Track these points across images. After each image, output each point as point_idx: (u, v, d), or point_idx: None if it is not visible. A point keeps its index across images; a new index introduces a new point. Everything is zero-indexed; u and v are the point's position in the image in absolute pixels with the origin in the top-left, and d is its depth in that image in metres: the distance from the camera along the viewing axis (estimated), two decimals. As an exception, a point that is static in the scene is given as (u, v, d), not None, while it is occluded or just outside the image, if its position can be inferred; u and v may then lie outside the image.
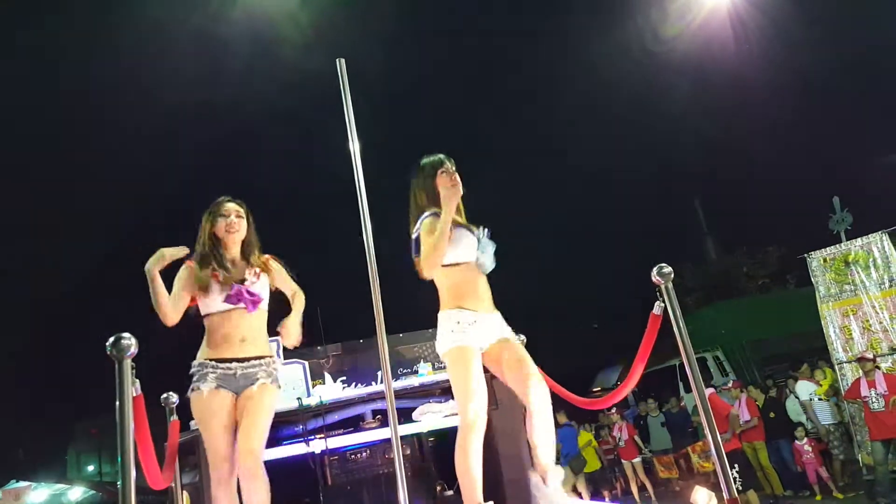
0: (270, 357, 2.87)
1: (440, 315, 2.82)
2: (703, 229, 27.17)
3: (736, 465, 7.30)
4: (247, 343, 2.79)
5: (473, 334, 2.72)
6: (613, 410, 10.62)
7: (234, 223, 2.88)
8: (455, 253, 2.79)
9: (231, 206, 2.92)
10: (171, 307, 2.73)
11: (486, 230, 2.93)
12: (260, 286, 2.86)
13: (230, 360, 2.74)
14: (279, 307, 3.02)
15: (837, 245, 8.66)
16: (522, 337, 3.02)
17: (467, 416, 2.62)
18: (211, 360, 2.74)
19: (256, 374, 2.77)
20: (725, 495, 2.59)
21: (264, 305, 2.88)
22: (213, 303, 2.78)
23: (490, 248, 2.87)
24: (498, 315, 2.90)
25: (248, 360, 2.77)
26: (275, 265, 3.01)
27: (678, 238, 28.56)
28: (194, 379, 2.73)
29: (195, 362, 2.77)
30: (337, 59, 3.58)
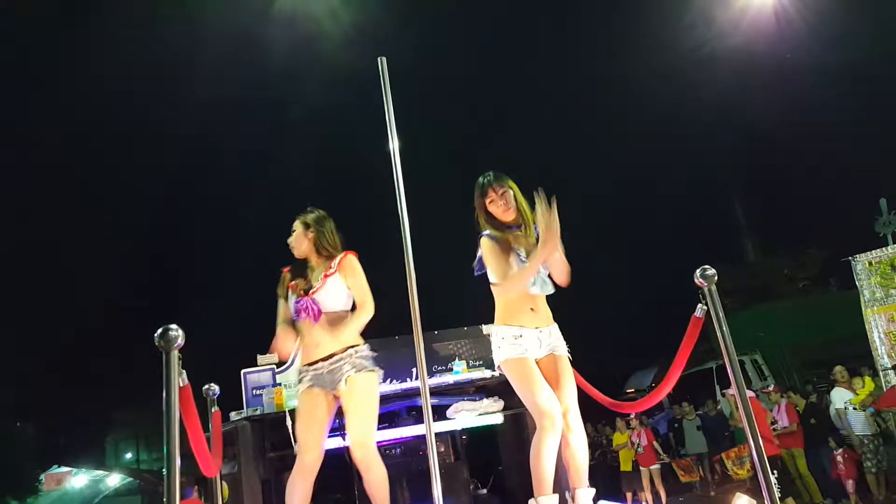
0: (354, 347, 3.02)
1: (493, 329, 2.98)
2: (743, 229, 26.63)
3: (775, 472, 7.15)
4: (322, 346, 2.99)
5: (522, 345, 2.87)
6: (633, 416, 10.44)
7: (291, 244, 3.16)
8: (502, 274, 2.91)
9: (294, 227, 3.18)
10: (280, 332, 3.07)
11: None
12: (326, 291, 3.02)
13: (316, 362, 2.98)
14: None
15: (884, 248, 8.42)
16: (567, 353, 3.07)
17: (540, 420, 2.76)
18: (304, 365, 3.03)
19: (342, 367, 2.96)
20: (767, 502, 2.54)
21: (334, 308, 3.04)
22: (292, 312, 3.06)
23: (542, 272, 2.94)
24: (550, 329, 2.99)
25: (331, 356, 2.98)
26: (349, 265, 3.11)
27: (717, 238, 28.04)
28: (298, 384, 3.04)
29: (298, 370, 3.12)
30: (378, 58, 3.60)
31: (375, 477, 2.90)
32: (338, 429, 3.40)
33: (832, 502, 8.49)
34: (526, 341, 2.87)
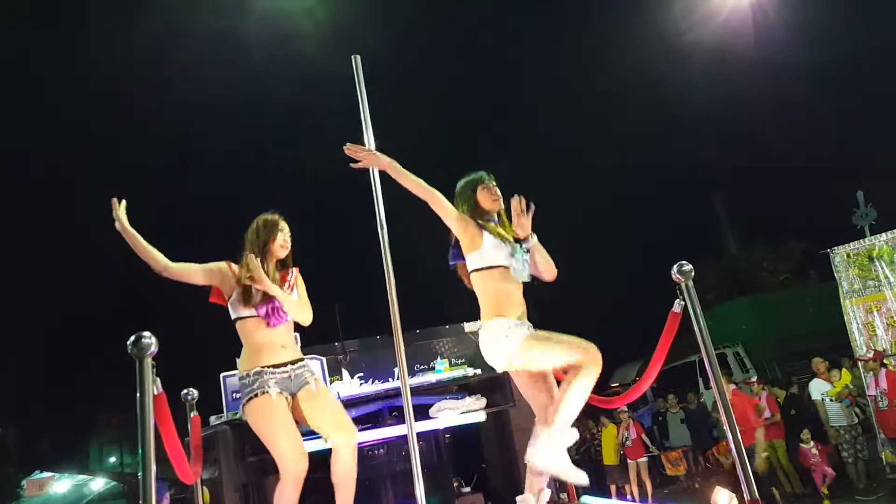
0: (305, 358, 3.07)
1: (487, 325, 2.83)
2: (723, 224, 26.86)
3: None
4: (287, 349, 2.97)
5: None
6: (624, 408, 10.47)
7: (287, 241, 3.07)
8: (487, 257, 2.85)
9: (285, 224, 3.10)
10: (166, 261, 2.83)
11: (527, 242, 2.94)
12: (289, 300, 2.99)
13: (284, 365, 2.91)
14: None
15: (861, 240, 8.52)
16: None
17: (589, 359, 2.74)
18: (267, 367, 2.87)
19: (303, 374, 2.95)
20: (746, 496, 2.56)
21: (290, 318, 3.02)
22: (245, 309, 2.92)
23: (525, 256, 2.89)
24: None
25: (294, 362, 2.96)
26: (301, 280, 3.14)
27: (699, 232, 28.29)
28: (255, 386, 2.82)
29: (248, 371, 2.86)
30: (352, 56, 3.58)
31: (355, 471, 2.92)
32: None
33: (813, 492, 8.58)
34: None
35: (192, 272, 2.92)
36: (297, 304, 3.01)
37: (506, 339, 2.75)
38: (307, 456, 2.85)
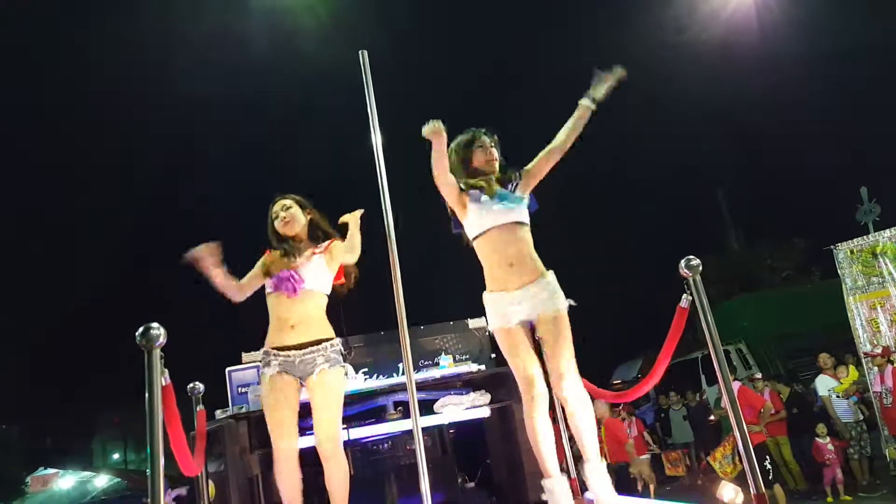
0: (328, 340, 2.97)
1: (484, 296, 2.90)
2: (726, 220, 26.80)
3: (767, 457, 7.28)
4: (297, 330, 2.91)
5: (508, 313, 2.77)
6: (621, 406, 10.46)
7: (284, 217, 3.08)
8: (473, 225, 2.85)
9: (278, 205, 3.12)
10: (234, 287, 2.98)
11: (515, 182, 2.93)
12: (310, 269, 2.98)
13: (288, 349, 2.90)
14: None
15: (865, 236, 8.51)
16: (571, 301, 2.88)
17: (523, 393, 2.74)
18: (273, 349, 2.93)
19: (315, 359, 2.89)
20: (752, 490, 2.55)
21: (316, 287, 2.99)
22: (267, 285, 3.02)
23: (503, 200, 2.83)
24: (539, 284, 2.80)
25: (303, 346, 2.90)
26: (337, 248, 3.13)
27: (701, 229, 28.24)
28: (262, 367, 2.96)
29: (262, 350, 2.99)
30: (359, 51, 3.58)
31: (340, 472, 2.87)
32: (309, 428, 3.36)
33: (814, 487, 8.58)
34: (507, 306, 2.75)
35: (257, 278, 3.04)
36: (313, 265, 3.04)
37: (492, 318, 2.83)
38: (296, 437, 2.88)
